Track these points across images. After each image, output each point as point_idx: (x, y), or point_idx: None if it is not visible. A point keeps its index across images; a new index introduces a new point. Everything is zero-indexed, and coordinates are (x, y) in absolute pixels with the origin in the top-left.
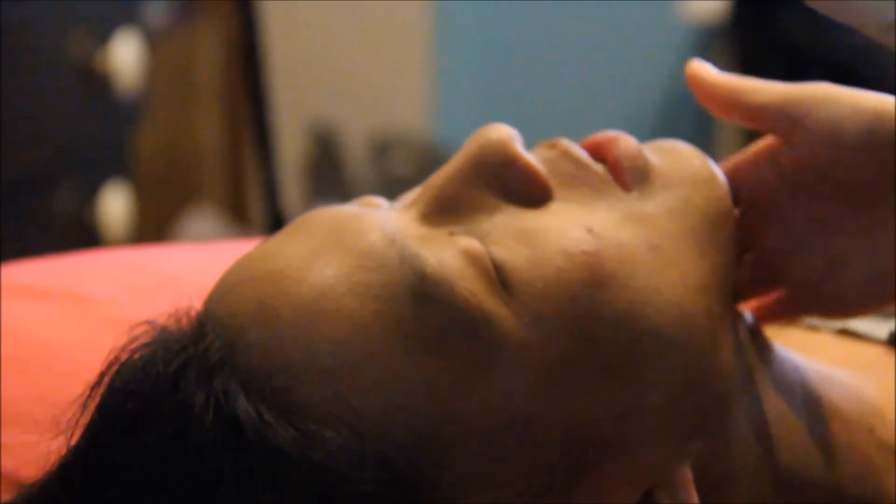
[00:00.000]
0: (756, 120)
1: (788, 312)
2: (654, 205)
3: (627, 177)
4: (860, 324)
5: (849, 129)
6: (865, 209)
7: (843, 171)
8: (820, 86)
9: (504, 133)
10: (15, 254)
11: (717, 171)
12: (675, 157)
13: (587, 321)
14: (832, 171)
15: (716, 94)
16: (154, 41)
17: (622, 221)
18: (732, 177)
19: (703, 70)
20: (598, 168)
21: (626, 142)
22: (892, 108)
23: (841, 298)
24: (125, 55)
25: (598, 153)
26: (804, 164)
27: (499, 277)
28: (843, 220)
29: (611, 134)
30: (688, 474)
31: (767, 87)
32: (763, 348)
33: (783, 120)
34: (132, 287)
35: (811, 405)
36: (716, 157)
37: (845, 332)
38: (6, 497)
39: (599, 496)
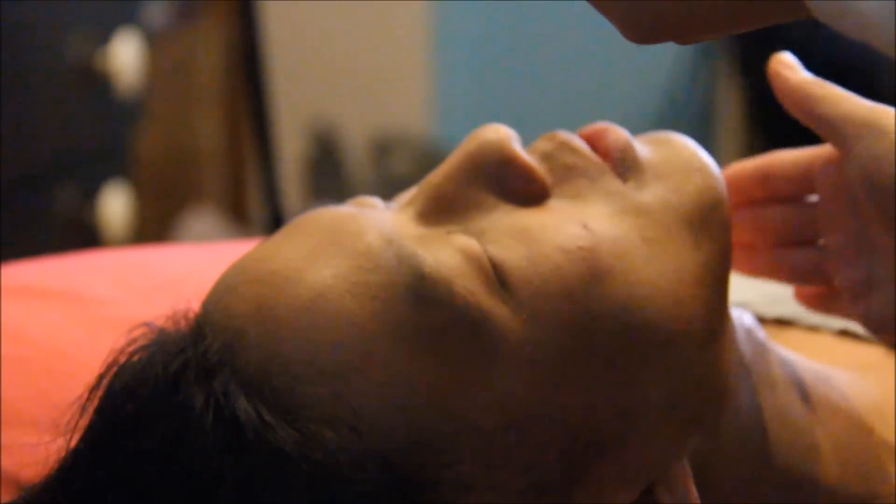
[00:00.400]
0: (819, 130)
1: (831, 308)
2: (648, 195)
3: (620, 167)
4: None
5: (884, 169)
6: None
7: (875, 207)
8: (881, 112)
9: (501, 133)
10: (15, 254)
11: (709, 161)
12: (666, 147)
13: (585, 317)
14: (876, 199)
15: (789, 95)
16: (154, 41)
17: (617, 215)
18: (811, 163)
19: (785, 66)
20: (596, 158)
21: (615, 133)
22: None
23: (870, 318)
24: (125, 55)
25: (590, 145)
26: (856, 184)
27: (497, 276)
28: (881, 251)
29: (600, 126)
30: (687, 471)
31: (841, 99)
32: (762, 348)
33: (837, 138)
34: (132, 287)
35: (811, 404)
36: (716, 157)
37: (846, 334)
38: (6, 498)
39: (600, 493)
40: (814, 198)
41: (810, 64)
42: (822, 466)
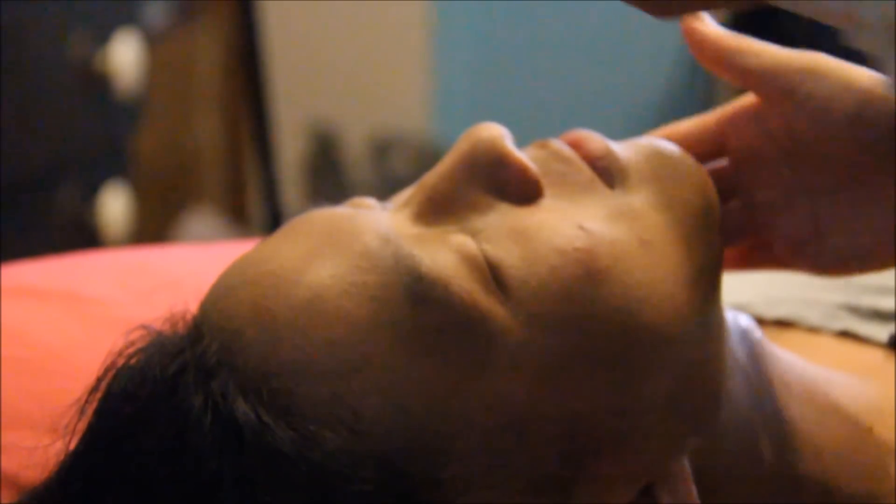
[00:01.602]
0: (745, 82)
1: (771, 262)
2: (638, 200)
3: (606, 176)
4: (861, 326)
5: (837, 107)
6: (851, 185)
7: (830, 147)
8: (813, 57)
9: (495, 131)
10: (15, 254)
11: (697, 164)
12: (648, 152)
13: (582, 318)
14: (819, 145)
15: (708, 49)
16: (154, 41)
17: (612, 217)
18: (718, 126)
19: (700, 23)
20: (586, 168)
21: (593, 142)
22: (881, 88)
23: (822, 261)
24: (125, 55)
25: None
26: (792, 133)
27: (493, 276)
28: (830, 192)
29: (577, 134)
30: (686, 470)
31: (760, 50)
32: (759, 348)
33: (773, 89)
34: (132, 288)
35: (810, 404)
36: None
37: (846, 335)
38: (6, 498)
39: (598, 492)
40: (722, 161)
41: None
42: (821, 467)
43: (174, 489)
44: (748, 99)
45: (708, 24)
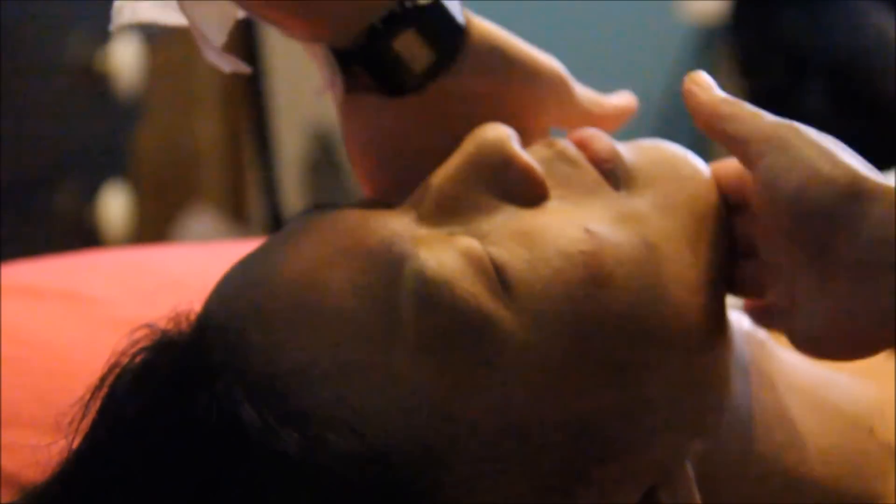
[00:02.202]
0: (728, 149)
1: (770, 324)
2: (644, 203)
3: (612, 178)
4: None
5: (782, 183)
6: (812, 262)
7: (780, 222)
8: (785, 127)
9: (501, 132)
10: (15, 254)
11: (702, 167)
12: (653, 155)
13: (587, 322)
14: (773, 219)
15: (701, 114)
16: (154, 41)
17: (618, 219)
18: (721, 182)
19: (696, 84)
20: (592, 169)
21: (600, 142)
22: (826, 171)
23: (794, 338)
24: (125, 55)
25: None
26: (762, 201)
27: (499, 279)
28: (798, 265)
29: (585, 133)
30: (689, 473)
31: (746, 117)
32: (762, 350)
33: (744, 156)
34: (132, 287)
35: (811, 405)
36: (716, 158)
37: None
38: (5, 498)
39: (601, 496)
40: None
41: (811, 66)
42: (823, 467)
43: (178, 492)
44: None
45: (706, 90)
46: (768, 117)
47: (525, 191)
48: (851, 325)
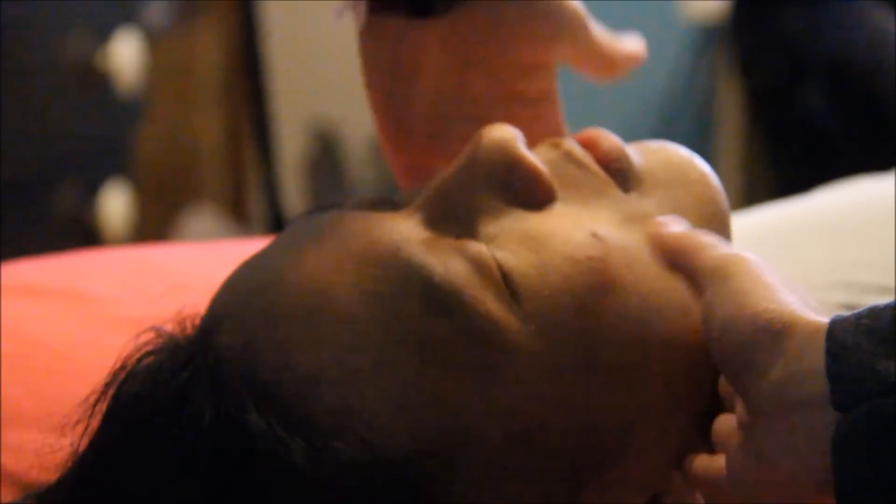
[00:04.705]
0: (686, 281)
1: None
2: (652, 205)
3: (621, 179)
4: None
5: (712, 320)
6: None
7: (714, 359)
8: (735, 261)
9: (506, 133)
10: (15, 253)
11: (708, 171)
12: (661, 157)
13: (594, 329)
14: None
15: (666, 248)
16: (154, 41)
17: (625, 223)
18: None
19: (662, 224)
20: (600, 171)
21: (608, 142)
22: (751, 306)
23: (732, 482)
24: (125, 55)
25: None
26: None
27: (506, 284)
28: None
29: (592, 133)
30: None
31: (700, 248)
32: None
33: (696, 290)
34: (132, 286)
35: None
36: (716, 158)
37: None
38: (6, 497)
39: (606, 501)
40: None
41: (811, 66)
42: None
43: (183, 498)
44: None
45: (672, 226)
46: (720, 249)
47: (532, 193)
48: (770, 470)
